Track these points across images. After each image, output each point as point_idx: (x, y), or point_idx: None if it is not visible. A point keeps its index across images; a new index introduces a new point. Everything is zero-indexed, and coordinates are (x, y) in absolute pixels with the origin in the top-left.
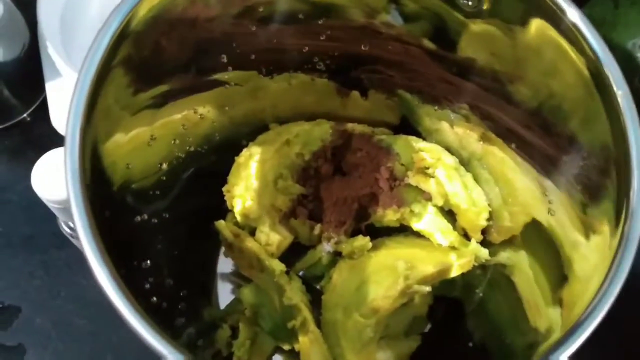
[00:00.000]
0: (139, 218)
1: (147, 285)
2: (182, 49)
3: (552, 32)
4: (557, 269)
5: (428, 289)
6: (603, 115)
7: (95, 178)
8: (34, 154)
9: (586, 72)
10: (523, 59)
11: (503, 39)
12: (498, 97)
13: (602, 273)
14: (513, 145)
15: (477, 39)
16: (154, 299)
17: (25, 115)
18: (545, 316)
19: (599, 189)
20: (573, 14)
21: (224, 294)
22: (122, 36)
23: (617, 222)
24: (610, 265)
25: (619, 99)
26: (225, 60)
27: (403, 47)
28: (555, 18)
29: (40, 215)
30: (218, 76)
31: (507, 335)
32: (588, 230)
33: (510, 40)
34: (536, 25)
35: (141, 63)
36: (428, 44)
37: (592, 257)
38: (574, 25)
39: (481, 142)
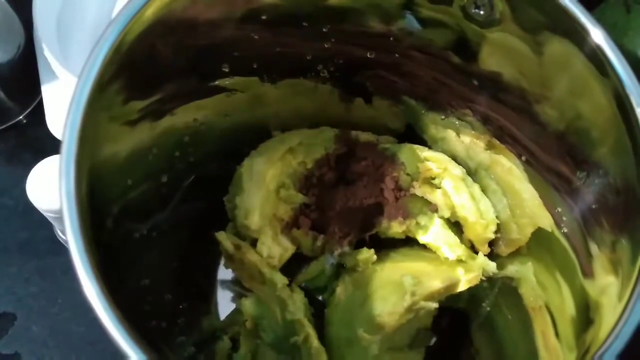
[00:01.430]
0: (137, 235)
1: (147, 307)
2: (180, 55)
3: (575, 51)
4: (584, 314)
5: (435, 305)
6: (628, 145)
7: (91, 197)
8: (30, 157)
9: (611, 96)
10: (549, 77)
11: (526, 52)
12: (522, 116)
13: (616, 314)
14: (524, 159)
15: (499, 51)
16: (154, 322)
17: (21, 117)
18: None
19: (619, 223)
20: (597, 35)
21: (224, 303)
22: (120, 46)
23: (634, 262)
24: (624, 307)
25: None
26: (226, 67)
27: (425, 57)
28: (577, 37)
29: (37, 221)
30: (219, 82)
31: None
32: (617, 267)
33: (533, 55)
34: (560, 42)
35: (139, 72)
36: (450, 55)
37: (615, 295)
38: (598, 47)
39: (488, 152)
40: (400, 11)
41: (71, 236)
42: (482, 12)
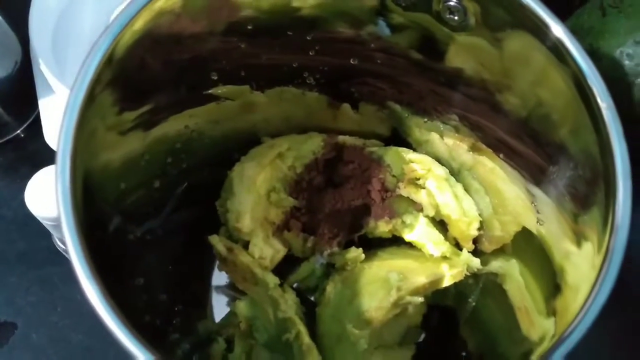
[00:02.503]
0: (132, 236)
1: (141, 304)
2: (169, 67)
3: (538, 45)
4: (549, 279)
5: (421, 299)
6: (589, 126)
7: (86, 200)
8: (27, 170)
9: (572, 84)
10: (510, 69)
11: (490, 49)
12: (487, 107)
13: (590, 282)
14: (501, 155)
15: (465, 50)
16: (147, 317)
17: (18, 131)
18: (539, 326)
19: (588, 198)
20: (557, 29)
21: (219, 307)
22: (110, 58)
23: (604, 232)
24: (597, 276)
25: (603, 112)
26: (215, 77)
27: (390, 58)
28: (540, 32)
29: (35, 231)
30: (209, 91)
31: (500, 344)
32: (580, 238)
33: (497, 51)
34: (522, 37)
35: (127, 81)
36: (415, 54)
37: (583, 265)
38: (559, 40)
39: (471, 153)
40: (372, 17)
41: (67, 233)
42: (456, 18)
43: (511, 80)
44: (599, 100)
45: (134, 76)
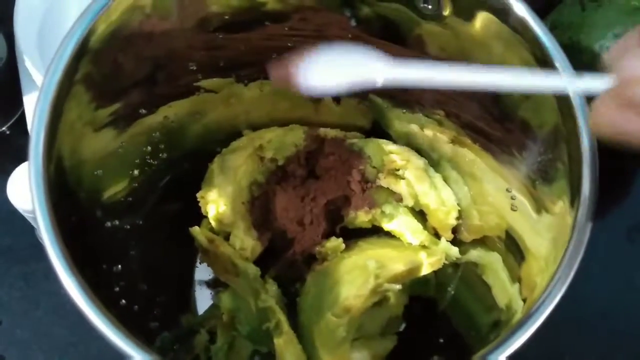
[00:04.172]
0: (109, 224)
1: (117, 289)
2: (141, 63)
3: (499, 26)
4: (515, 247)
5: (399, 287)
6: (552, 99)
7: (61, 186)
8: (12, 167)
9: (532, 59)
10: (470, 51)
11: (451, 34)
12: (454, 92)
13: (558, 255)
14: (478, 145)
15: (427, 35)
16: (123, 301)
17: (4, 128)
18: (507, 293)
19: (551, 170)
20: (519, 8)
21: (203, 300)
22: (81, 51)
23: (572, 204)
24: (566, 248)
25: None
26: (194, 67)
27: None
28: (502, 12)
29: (19, 227)
30: (193, 83)
31: (476, 319)
32: (540, 207)
33: (457, 35)
34: (483, 18)
35: (102, 79)
36: (378, 42)
37: (546, 235)
38: (521, 18)
39: (451, 144)
40: (339, 9)
41: (39, 213)
42: (430, 7)
43: (472, 61)
44: (560, 70)
45: (107, 73)
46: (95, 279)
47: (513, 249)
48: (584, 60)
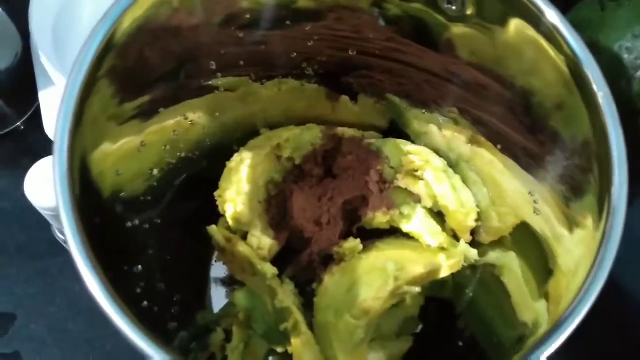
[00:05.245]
0: (129, 224)
1: (138, 290)
2: (167, 58)
3: (532, 32)
4: (542, 263)
5: (418, 289)
6: (584, 113)
7: (84, 186)
8: (27, 162)
9: (566, 71)
10: (503, 57)
11: (483, 38)
12: (480, 96)
13: (586, 267)
14: (499, 146)
15: (458, 39)
16: (145, 303)
17: (18, 123)
18: (532, 309)
19: (582, 184)
20: (552, 15)
21: (218, 298)
22: (107, 47)
23: (600, 217)
24: (593, 261)
25: (599, 99)
26: (214, 66)
27: (387, 49)
28: (534, 18)
29: (35, 223)
30: (211, 82)
31: (496, 329)
32: (571, 223)
33: (489, 40)
34: (515, 24)
35: (126, 73)
36: (411, 44)
37: (576, 250)
38: (553, 26)
39: (469, 145)
40: (369, 8)
41: (65, 218)
42: (453, 7)
43: (504, 68)
44: (595, 87)
45: (132, 67)
46: (118, 281)
47: (540, 264)
48: (603, 60)
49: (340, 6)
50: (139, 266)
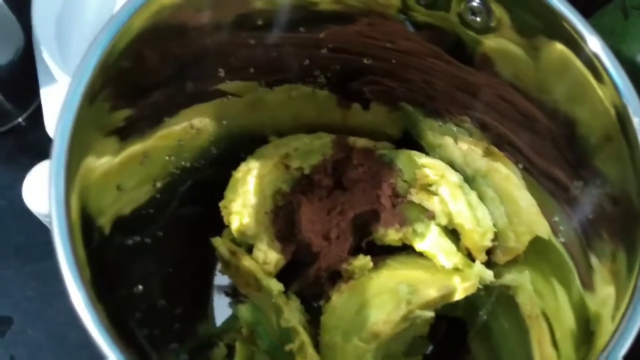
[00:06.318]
0: (130, 241)
1: (139, 315)
2: (171, 62)
3: (573, 58)
4: (583, 326)
5: (431, 314)
6: (626, 150)
7: (82, 206)
8: (27, 161)
9: (609, 102)
10: (547, 82)
11: (524, 57)
12: (519, 122)
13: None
14: (521, 166)
15: (496, 56)
16: (146, 330)
17: (20, 120)
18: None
19: (625, 229)
20: (594, 43)
21: (221, 309)
22: (110, 55)
23: (631, 271)
24: (621, 318)
25: (636, 127)
26: (222, 73)
27: (408, 59)
28: (574, 44)
29: (34, 224)
30: (216, 87)
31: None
32: (617, 278)
33: (532, 60)
34: (552, 46)
35: (129, 80)
36: (447, 60)
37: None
38: (595, 54)
39: (486, 159)
40: (396, 14)
41: (59, 244)
42: (478, 19)
43: (546, 94)
44: (633, 119)
45: (134, 73)
46: (119, 312)
47: (582, 329)
48: (624, 70)
49: (370, 11)
50: (140, 286)
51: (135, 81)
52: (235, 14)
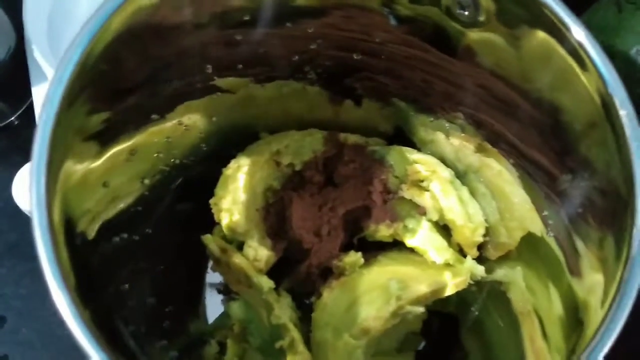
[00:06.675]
0: (117, 239)
1: (125, 312)
2: (155, 63)
3: (557, 47)
4: (572, 314)
5: (422, 309)
6: (612, 140)
7: (64, 203)
8: (20, 159)
9: (594, 90)
10: (529, 71)
11: (507, 48)
12: (501, 111)
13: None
14: (512, 161)
15: (479, 47)
16: (132, 327)
17: (12, 118)
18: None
19: (613, 217)
20: (577, 32)
21: (213, 306)
22: (90, 54)
23: (618, 258)
24: (609, 306)
25: (624, 123)
26: (209, 70)
27: (396, 53)
28: (559, 34)
29: (27, 222)
30: (208, 84)
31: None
32: (605, 265)
33: (515, 50)
34: (538, 36)
35: (109, 83)
36: (426, 48)
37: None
38: (579, 43)
39: (478, 155)
40: (378, 8)
41: (40, 244)
42: (466, 13)
43: (530, 83)
44: (620, 111)
45: (113, 74)
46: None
47: (571, 317)
48: (618, 65)
49: (349, 4)
50: (126, 285)
51: (116, 83)
52: (213, 11)
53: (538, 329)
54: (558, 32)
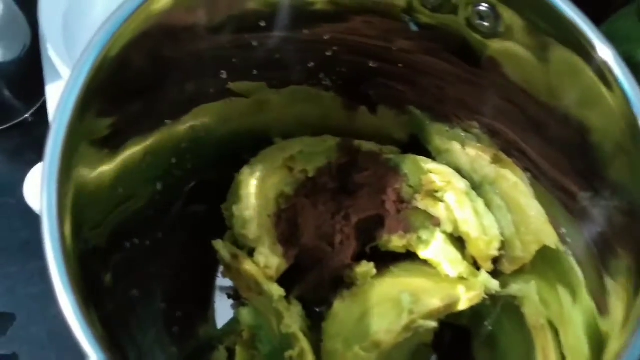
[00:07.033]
0: (128, 244)
1: (134, 320)
2: (170, 67)
3: (581, 63)
4: (599, 352)
5: (434, 324)
6: (638, 159)
7: (76, 210)
8: (33, 156)
9: (620, 112)
10: (557, 87)
11: (534, 62)
12: (529, 128)
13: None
14: (528, 174)
15: (502, 58)
16: (139, 336)
17: (27, 115)
18: None
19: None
20: (604, 52)
21: (223, 310)
22: (105, 58)
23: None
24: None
25: None
26: (224, 75)
27: (415, 61)
28: (584, 52)
29: (38, 221)
30: (222, 88)
31: None
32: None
33: (542, 65)
34: (562, 52)
35: (122, 87)
36: (455, 63)
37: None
38: (605, 64)
39: (494, 166)
40: (399, 15)
41: (49, 248)
42: (486, 24)
43: (557, 100)
44: None
45: (128, 79)
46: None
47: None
48: (638, 79)
49: (370, 10)
50: (136, 291)
51: (130, 87)
52: (228, 15)
53: (552, 344)
54: (584, 50)
